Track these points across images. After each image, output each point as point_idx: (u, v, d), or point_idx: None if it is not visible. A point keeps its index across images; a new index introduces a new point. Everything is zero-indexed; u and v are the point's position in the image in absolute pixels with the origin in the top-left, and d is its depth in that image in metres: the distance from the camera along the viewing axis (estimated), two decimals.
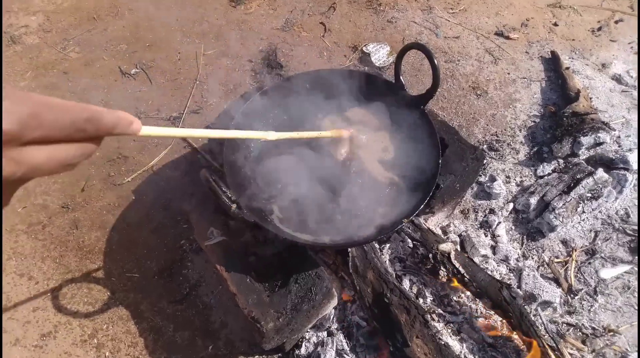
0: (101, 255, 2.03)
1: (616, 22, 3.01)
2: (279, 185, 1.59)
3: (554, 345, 1.59)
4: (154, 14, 3.03)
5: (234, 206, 1.38)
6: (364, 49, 2.74)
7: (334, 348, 1.64)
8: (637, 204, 2.08)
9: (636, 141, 2.29)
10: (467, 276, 1.64)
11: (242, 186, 1.52)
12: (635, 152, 2.15)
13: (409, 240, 1.79)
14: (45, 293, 1.93)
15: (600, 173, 2.04)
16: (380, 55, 2.68)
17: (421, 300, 1.75)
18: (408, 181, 1.60)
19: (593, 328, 1.76)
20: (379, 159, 1.70)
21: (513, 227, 2.06)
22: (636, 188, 2.12)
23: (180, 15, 3.02)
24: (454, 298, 1.78)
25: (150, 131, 0.65)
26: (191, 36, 2.90)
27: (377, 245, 1.77)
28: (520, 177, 2.21)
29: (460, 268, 1.65)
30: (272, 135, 1.19)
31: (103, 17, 3.03)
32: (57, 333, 1.83)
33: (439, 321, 1.72)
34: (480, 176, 2.18)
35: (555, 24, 2.99)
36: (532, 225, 2.04)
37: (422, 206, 1.43)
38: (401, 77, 1.68)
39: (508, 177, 2.21)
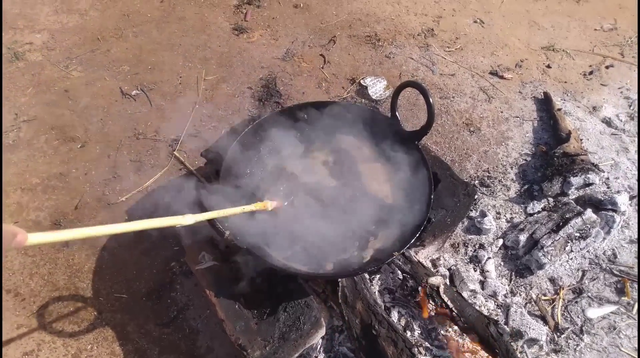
0: (90, 274, 2.02)
1: (607, 67, 3.10)
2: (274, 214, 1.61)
3: None
4: (158, 38, 3.09)
5: (227, 232, 1.40)
6: (361, 82, 2.80)
7: None
8: (635, 239, 2.11)
9: (624, 183, 2.34)
10: (455, 311, 1.65)
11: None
12: (623, 194, 2.20)
13: (399, 272, 1.80)
14: (31, 310, 1.91)
15: (589, 213, 2.07)
16: (377, 88, 2.74)
17: (409, 333, 1.75)
18: (401, 214, 1.63)
19: None
20: (371, 192, 1.73)
21: (502, 263, 2.08)
22: (623, 229, 2.16)
23: (184, 40, 3.09)
24: (442, 332, 1.78)
25: (38, 239, 0.60)
26: (193, 61, 2.96)
27: (367, 276, 1.77)
28: (511, 214, 2.24)
29: (449, 302, 1.66)
30: (189, 219, 1.14)
31: (107, 38, 3.08)
32: (40, 352, 1.81)
33: (425, 355, 1.72)
34: (471, 211, 2.20)
35: (549, 66, 3.08)
36: (520, 261, 2.06)
37: (413, 239, 1.46)
38: (397, 113, 1.72)
39: (498, 213, 2.24)
